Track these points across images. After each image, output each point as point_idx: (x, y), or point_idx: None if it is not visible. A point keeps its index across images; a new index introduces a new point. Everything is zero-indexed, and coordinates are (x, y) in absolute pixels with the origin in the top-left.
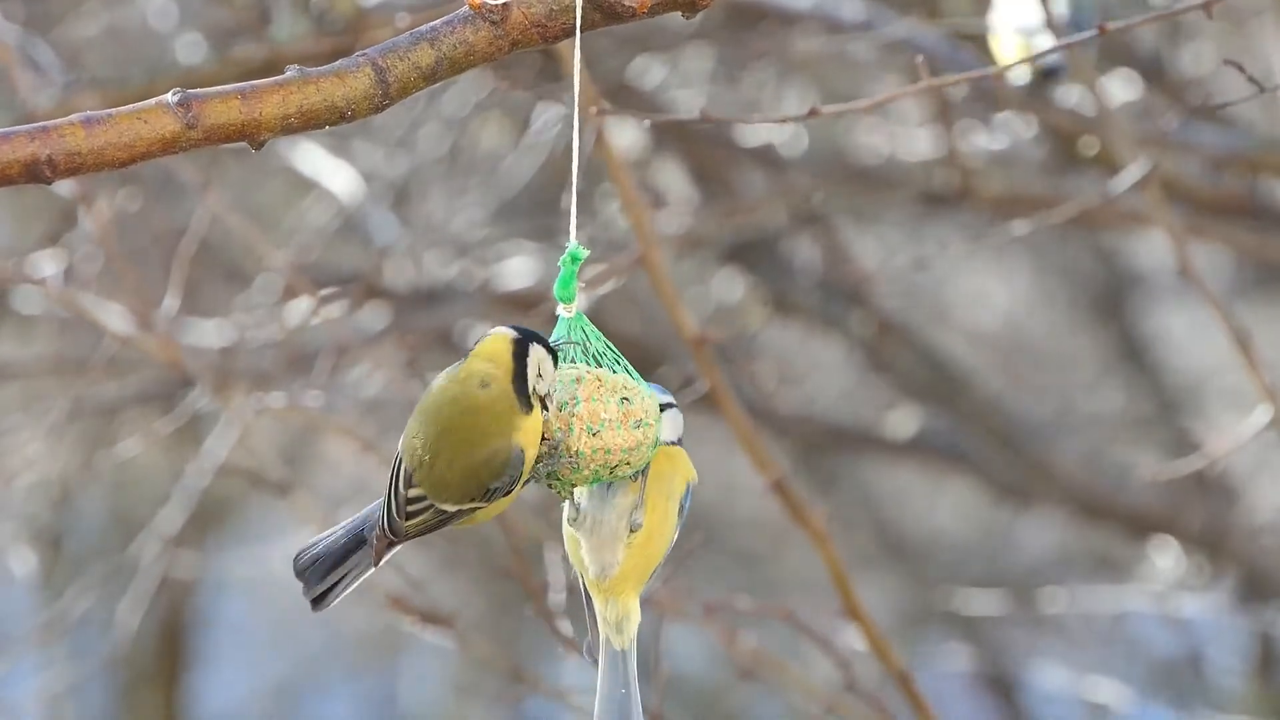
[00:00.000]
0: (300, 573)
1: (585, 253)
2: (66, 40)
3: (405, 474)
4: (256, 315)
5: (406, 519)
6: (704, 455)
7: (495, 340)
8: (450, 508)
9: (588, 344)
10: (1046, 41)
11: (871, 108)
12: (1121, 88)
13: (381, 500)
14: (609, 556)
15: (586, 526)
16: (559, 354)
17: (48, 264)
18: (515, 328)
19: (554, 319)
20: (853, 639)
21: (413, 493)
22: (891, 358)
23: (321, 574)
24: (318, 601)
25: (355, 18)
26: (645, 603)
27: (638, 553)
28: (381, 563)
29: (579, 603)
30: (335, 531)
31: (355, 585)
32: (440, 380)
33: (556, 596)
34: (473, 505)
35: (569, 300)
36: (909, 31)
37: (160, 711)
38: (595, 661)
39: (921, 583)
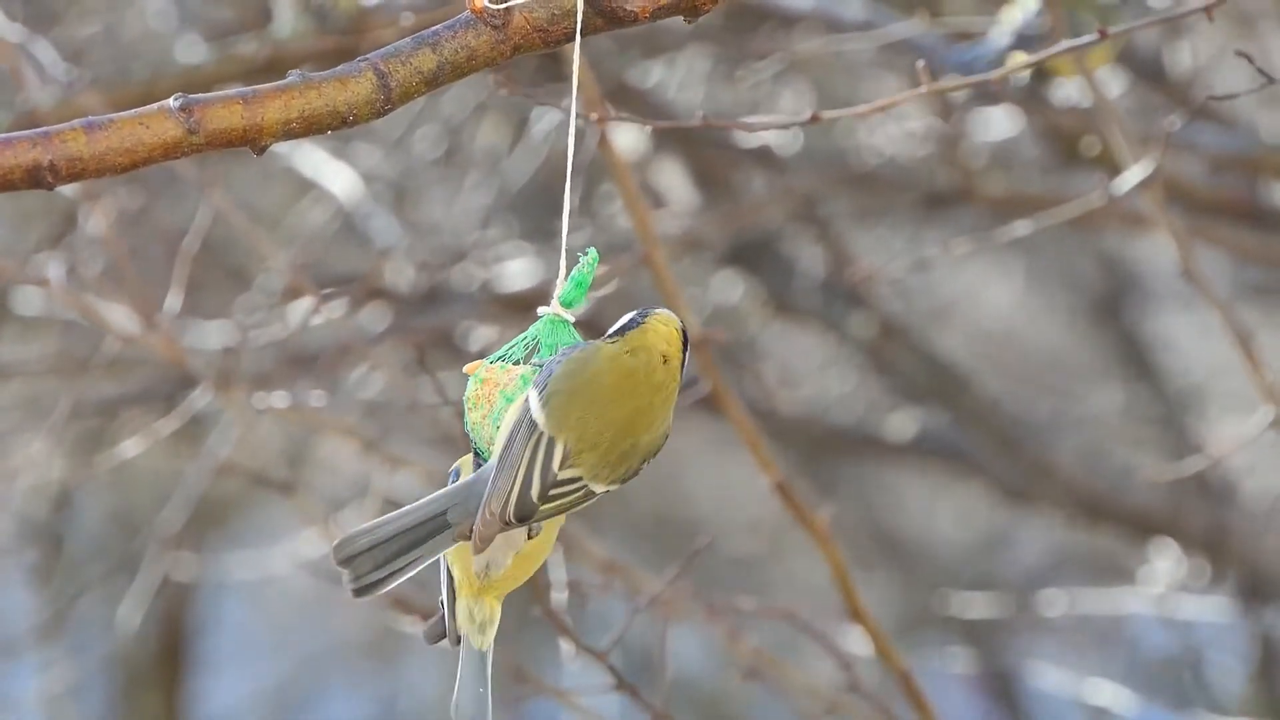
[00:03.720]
0: (346, 559)
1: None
2: (68, 39)
3: (563, 453)
4: (258, 316)
5: (543, 501)
6: (704, 456)
7: (667, 321)
8: (599, 489)
9: (538, 347)
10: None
11: (872, 112)
12: (1122, 88)
13: (467, 484)
14: (499, 556)
15: None
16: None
17: (50, 264)
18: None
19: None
20: (854, 640)
21: (567, 474)
22: (892, 359)
23: (379, 561)
24: (364, 590)
25: (357, 17)
26: (649, 605)
27: (522, 560)
28: (487, 549)
29: (580, 601)
30: (396, 518)
31: (413, 573)
32: (602, 356)
33: (559, 595)
34: (615, 487)
35: (575, 305)
36: (910, 31)
37: (160, 713)
38: (455, 644)
39: (921, 585)
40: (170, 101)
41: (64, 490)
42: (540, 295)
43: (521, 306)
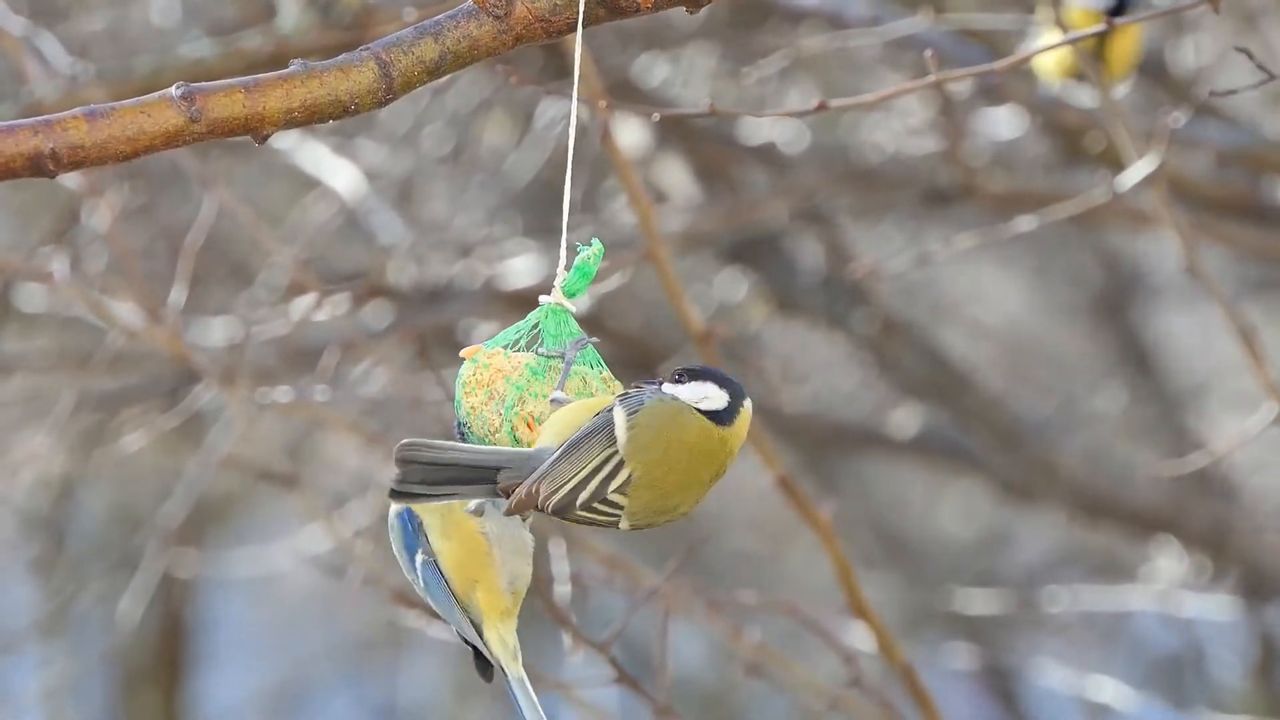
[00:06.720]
0: (406, 460)
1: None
2: (73, 33)
3: (624, 480)
4: (261, 311)
5: (582, 508)
6: None
7: (750, 410)
8: (623, 526)
9: (541, 338)
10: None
11: (878, 101)
12: (1125, 84)
13: (526, 455)
14: (520, 566)
15: (494, 535)
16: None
17: (54, 259)
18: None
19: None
20: (857, 636)
21: (615, 498)
22: (895, 356)
23: (427, 479)
24: (400, 496)
25: (361, 11)
26: (650, 598)
27: (531, 565)
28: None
29: (582, 595)
30: (462, 450)
31: (441, 504)
32: (695, 422)
33: (561, 589)
34: (631, 530)
35: (577, 295)
36: (915, 28)
37: (160, 709)
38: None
39: (923, 581)
40: (172, 90)
41: (65, 485)
42: (543, 292)
43: (524, 303)
